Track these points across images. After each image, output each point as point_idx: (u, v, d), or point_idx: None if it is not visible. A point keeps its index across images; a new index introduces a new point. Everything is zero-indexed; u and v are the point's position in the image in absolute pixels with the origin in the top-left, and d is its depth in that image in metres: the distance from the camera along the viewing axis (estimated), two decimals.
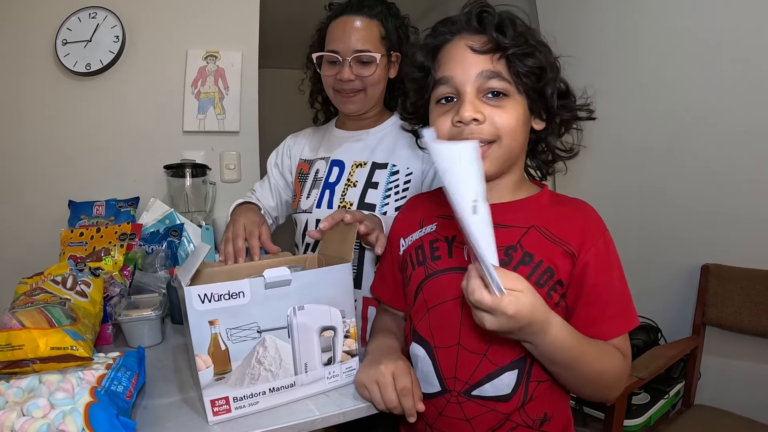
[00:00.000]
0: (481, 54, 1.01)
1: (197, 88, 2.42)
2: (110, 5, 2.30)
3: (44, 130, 2.28)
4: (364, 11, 1.50)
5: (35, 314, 1.06)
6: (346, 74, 1.48)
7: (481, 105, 1.01)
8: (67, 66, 2.24)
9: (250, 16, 2.51)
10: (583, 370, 0.97)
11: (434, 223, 1.17)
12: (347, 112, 1.59)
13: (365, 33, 1.48)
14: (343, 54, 1.48)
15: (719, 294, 2.19)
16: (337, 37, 1.50)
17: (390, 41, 1.52)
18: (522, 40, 1.00)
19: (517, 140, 1.04)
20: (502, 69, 1.01)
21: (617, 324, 1.02)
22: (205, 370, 0.90)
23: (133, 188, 2.27)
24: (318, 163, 1.64)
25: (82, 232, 1.84)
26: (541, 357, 0.96)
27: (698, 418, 2.04)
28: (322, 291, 1.00)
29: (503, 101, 1.01)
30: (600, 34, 2.70)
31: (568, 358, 0.94)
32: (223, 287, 0.90)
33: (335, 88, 1.54)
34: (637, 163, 2.56)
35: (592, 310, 1.01)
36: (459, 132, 1.02)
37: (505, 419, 1.04)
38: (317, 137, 1.73)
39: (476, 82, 1.00)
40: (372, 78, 1.49)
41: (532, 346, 0.94)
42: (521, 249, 1.03)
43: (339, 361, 1.04)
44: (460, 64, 1.02)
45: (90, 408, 0.85)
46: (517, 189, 1.12)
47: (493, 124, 1.00)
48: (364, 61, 1.48)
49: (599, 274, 1.00)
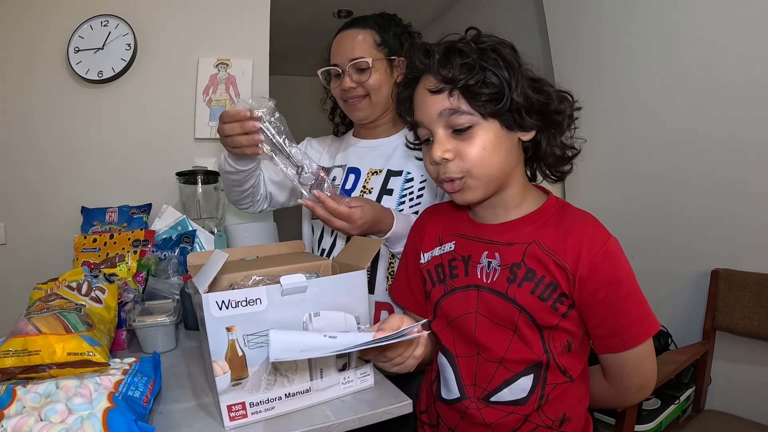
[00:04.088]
0: (436, 94, 1.04)
1: (208, 96, 2.44)
2: (122, 13, 2.32)
3: (56, 137, 2.31)
4: (357, 24, 1.60)
5: (51, 320, 1.06)
6: (347, 83, 1.56)
7: (450, 141, 1.05)
8: (80, 73, 2.26)
9: (261, 24, 2.54)
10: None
11: (453, 241, 1.21)
12: (356, 119, 1.66)
13: (359, 43, 1.56)
14: (342, 65, 1.57)
15: (729, 299, 2.18)
16: (335, 51, 1.60)
17: (389, 47, 1.58)
18: (468, 69, 1.01)
19: (492, 164, 1.05)
20: (461, 103, 1.03)
21: (636, 332, 1.04)
22: (222, 375, 0.91)
23: (145, 195, 2.28)
24: (335, 170, 1.68)
25: (95, 238, 1.85)
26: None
27: (709, 423, 2.03)
28: (337, 297, 1.00)
29: (469, 133, 1.03)
30: (608, 40, 2.70)
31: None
32: (240, 294, 0.90)
33: (342, 98, 1.63)
34: (646, 168, 2.55)
35: (606, 322, 1.04)
36: (435, 170, 1.09)
37: (524, 420, 1.07)
38: (335, 146, 1.78)
39: (440, 121, 1.04)
40: (371, 83, 1.55)
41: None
42: (525, 266, 1.06)
43: (354, 366, 1.04)
44: (423, 108, 1.07)
45: (108, 413, 0.85)
46: (521, 201, 1.14)
47: (461, 157, 1.04)
48: (361, 68, 1.55)
49: (605, 287, 1.01)
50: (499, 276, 1.08)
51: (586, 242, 1.03)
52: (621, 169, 2.68)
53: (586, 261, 1.01)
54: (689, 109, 2.32)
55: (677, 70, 2.35)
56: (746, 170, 2.11)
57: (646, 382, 1.11)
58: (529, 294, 1.04)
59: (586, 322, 1.07)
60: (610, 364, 1.11)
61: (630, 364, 1.08)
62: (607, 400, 1.18)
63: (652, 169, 2.52)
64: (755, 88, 2.05)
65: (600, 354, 1.11)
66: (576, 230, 1.05)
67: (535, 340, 1.06)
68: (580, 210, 1.13)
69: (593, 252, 1.02)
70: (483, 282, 1.10)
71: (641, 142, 2.56)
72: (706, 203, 2.28)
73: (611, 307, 1.02)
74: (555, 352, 1.06)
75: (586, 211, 1.12)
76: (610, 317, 1.03)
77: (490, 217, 1.15)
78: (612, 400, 1.19)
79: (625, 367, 1.09)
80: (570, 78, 2.81)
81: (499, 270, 1.08)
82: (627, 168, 2.65)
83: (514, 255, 1.08)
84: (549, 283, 1.03)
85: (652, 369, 1.11)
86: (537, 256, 1.05)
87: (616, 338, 1.04)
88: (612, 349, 1.06)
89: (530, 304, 1.04)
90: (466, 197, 1.08)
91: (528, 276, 1.05)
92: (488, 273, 1.10)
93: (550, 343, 1.06)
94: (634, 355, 1.05)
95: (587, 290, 1.02)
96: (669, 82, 2.40)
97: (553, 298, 1.03)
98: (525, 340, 1.06)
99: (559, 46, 3.01)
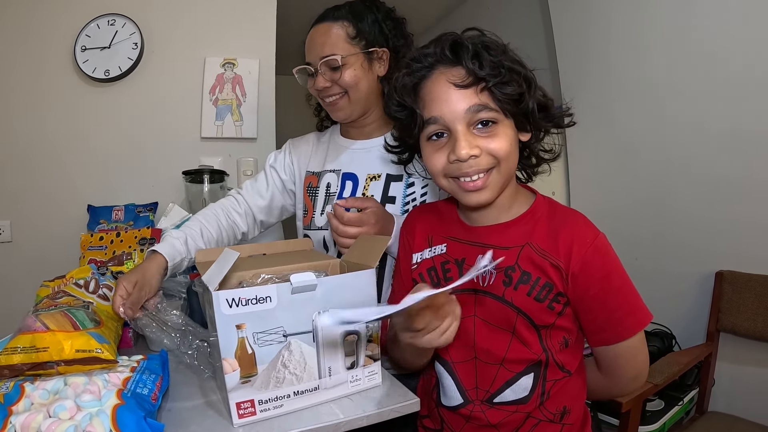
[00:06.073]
0: (464, 89, 1.01)
1: (215, 95, 2.44)
2: (129, 13, 2.32)
3: (63, 135, 2.31)
4: (327, 18, 1.49)
5: (59, 317, 1.07)
6: (320, 83, 1.48)
7: (474, 138, 1.02)
8: (86, 72, 2.27)
9: (267, 24, 2.54)
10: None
11: (444, 243, 1.20)
12: (338, 119, 1.57)
13: (327, 38, 1.46)
14: (314, 63, 1.48)
15: (733, 301, 2.18)
16: (307, 48, 1.51)
17: (366, 38, 1.48)
18: (499, 67, 1.00)
19: (512, 162, 1.06)
20: (488, 99, 1.01)
21: (630, 324, 1.05)
22: (231, 373, 0.91)
23: (151, 193, 2.29)
24: (328, 176, 1.59)
25: (101, 236, 1.85)
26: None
27: (712, 424, 2.04)
28: (346, 296, 1.00)
29: (493, 129, 1.03)
30: (611, 39, 2.70)
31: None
32: (250, 292, 0.91)
33: (319, 97, 1.55)
34: (650, 169, 2.56)
35: (600, 316, 1.05)
36: (457, 168, 1.04)
37: (527, 417, 1.08)
38: (322, 147, 1.68)
39: (466, 117, 1.01)
40: (345, 80, 1.46)
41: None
42: (519, 269, 1.07)
43: (362, 365, 1.05)
44: (446, 103, 1.03)
45: (118, 410, 0.86)
46: (512, 204, 1.14)
47: (490, 153, 1.02)
48: (333, 66, 1.45)
49: (598, 282, 1.03)
50: (495, 279, 1.09)
51: (576, 239, 1.04)
52: (625, 169, 2.69)
53: (577, 258, 1.02)
54: (694, 110, 2.32)
55: (682, 68, 2.36)
56: (752, 172, 2.11)
57: (640, 371, 1.13)
58: (526, 296, 1.05)
59: (580, 318, 1.08)
60: (604, 357, 1.12)
61: (624, 355, 1.09)
62: (602, 390, 1.20)
63: (657, 170, 2.52)
64: (761, 88, 2.05)
65: (594, 347, 1.13)
66: (566, 228, 1.06)
67: (534, 340, 1.07)
68: (568, 208, 1.15)
69: (584, 248, 1.03)
70: (479, 285, 1.10)
71: (646, 143, 2.57)
72: (711, 205, 2.28)
73: (604, 301, 1.04)
74: (553, 350, 1.08)
75: (574, 209, 1.13)
76: (603, 311, 1.04)
77: (482, 219, 1.15)
78: (607, 390, 1.20)
79: (619, 359, 1.10)
80: (574, 78, 2.85)
81: (494, 273, 1.09)
82: (631, 168, 2.66)
83: (508, 258, 1.08)
84: (544, 284, 1.05)
85: (645, 359, 1.12)
86: (531, 258, 1.06)
87: (610, 331, 1.06)
88: (606, 341, 1.08)
89: (527, 305, 1.05)
90: (482, 197, 1.05)
91: (523, 279, 1.06)
92: (484, 276, 1.10)
93: (547, 341, 1.07)
94: (628, 346, 1.07)
95: (580, 286, 1.03)
96: (674, 82, 2.40)
97: (549, 298, 1.05)
98: (524, 341, 1.07)
99: (564, 46, 3.01)
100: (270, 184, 1.69)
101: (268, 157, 1.75)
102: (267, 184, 1.69)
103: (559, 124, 1.12)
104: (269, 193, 1.68)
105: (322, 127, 1.76)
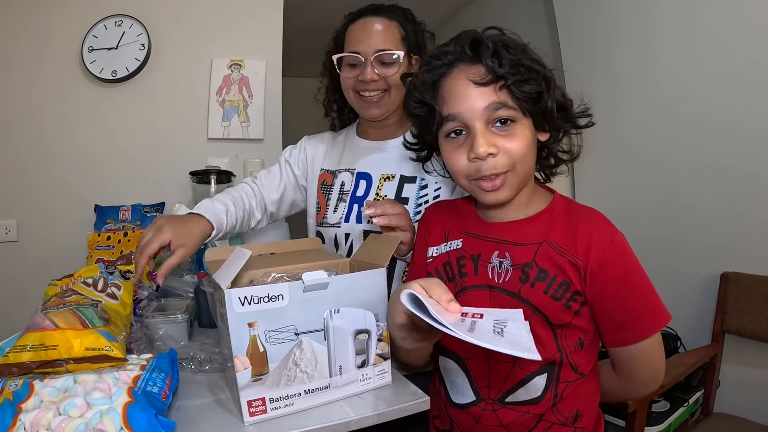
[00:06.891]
0: (483, 86, 1.01)
1: (222, 96, 2.45)
2: (136, 14, 2.34)
3: (70, 135, 2.33)
4: (383, 13, 1.49)
5: (68, 315, 1.07)
6: (369, 74, 1.45)
7: (492, 137, 1.02)
8: (93, 72, 2.28)
9: (274, 26, 2.56)
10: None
11: (460, 239, 1.20)
12: (370, 117, 1.54)
13: (386, 33, 1.46)
14: (365, 54, 1.45)
15: (739, 302, 2.18)
16: (357, 38, 1.48)
17: (410, 43, 1.50)
18: (518, 66, 1.00)
19: (529, 162, 1.06)
20: (506, 97, 1.01)
21: (649, 324, 1.05)
22: (243, 371, 0.91)
23: (158, 193, 2.30)
24: (342, 174, 1.60)
25: (109, 236, 1.86)
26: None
27: (717, 426, 2.03)
28: (358, 295, 1.01)
29: (511, 128, 1.02)
30: (618, 37, 2.70)
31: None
32: (262, 290, 0.91)
33: (356, 89, 1.51)
34: (656, 169, 2.55)
35: (618, 315, 1.04)
36: (477, 168, 1.04)
37: (539, 419, 1.07)
38: (338, 146, 1.68)
39: (484, 115, 1.01)
40: (395, 78, 1.46)
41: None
42: (536, 266, 1.06)
43: (372, 363, 1.05)
44: (465, 100, 1.03)
45: (129, 408, 0.86)
46: (530, 202, 1.14)
47: (506, 153, 1.02)
48: (386, 61, 1.45)
49: (616, 280, 1.02)
50: (511, 276, 1.08)
51: (595, 237, 1.03)
52: (630, 170, 2.68)
53: (596, 256, 1.02)
54: (701, 109, 2.31)
55: (690, 66, 2.35)
56: (759, 172, 2.11)
57: (656, 373, 1.12)
58: (542, 294, 1.04)
59: (597, 317, 1.07)
60: (620, 358, 1.11)
61: (641, 356, 1.08)
62: (616, 393, 1.19)
63: (661, 171, 2.52)
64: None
65: (611, 348, 1.11)
66: (584, 226, 1.06)
67: (549, 339, 1.06)
68: (586, 206, 1.14)
69: (603, 246, 1.02)
70: (495, 282, 1.10)
71: (650, 143, 2.56)
72: (716, 206, 2.28)
73: (623, 299, 1.03)
74: (567, 350, 1.07)
75: (592, 208, 1.13)
76: (622, 310, 1.04)
77: (500, 216, 1.15)
78: (621, 393, 1.19)
79: (636, 360, 1.09)
80: (580, 77, 2.84)
81: (510, 270, 1.08)
82: (636, 169, 2.65)
83: (525, 255, 1.08)
84: (562, 282, 1.04)
85: (662, 360, 1.11)
86: (549, 255, 1.06)
87: (628, 331, 1.05)
88: (624, 341, 1.07)
89: (544, 303, 1.05)
90: (501, 196, 1.05)
91: (540, 276, 1.05)
92: (500, 273, 1.09)
93: (562, 341, 1.07)
94: (646, 346, 1.06)
95: (598, 284, 1.02)
96: (681, 80, 2.39)
97: (566, 297, 1.04)
98: (538, 340, 1.05)
99: (569, 45, 3.01)
100: (284, 177, 1.70)
101: (283, 151, 1.76)
102: (280, 178, 1.70)
103: (578, 124, 1.12)
104: (282, 186, 1.69)
105: (335, 126, 1.76)
